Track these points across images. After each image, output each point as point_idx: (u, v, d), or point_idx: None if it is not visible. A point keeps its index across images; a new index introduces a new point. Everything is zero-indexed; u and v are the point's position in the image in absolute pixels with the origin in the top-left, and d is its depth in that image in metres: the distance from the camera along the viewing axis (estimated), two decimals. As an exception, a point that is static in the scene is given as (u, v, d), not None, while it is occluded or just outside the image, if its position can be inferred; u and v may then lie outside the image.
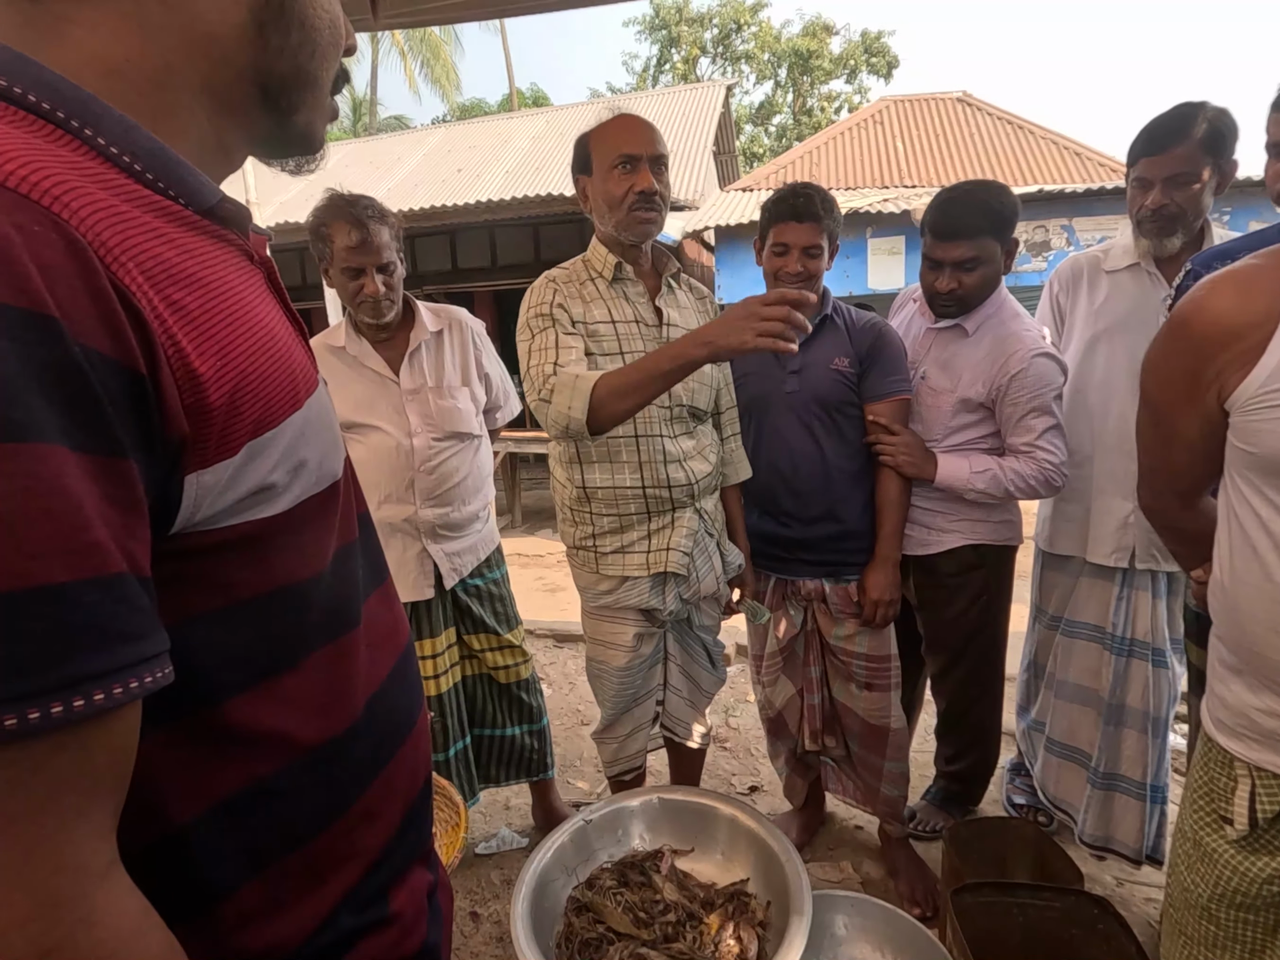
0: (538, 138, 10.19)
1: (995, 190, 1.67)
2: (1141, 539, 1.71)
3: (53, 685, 0.32)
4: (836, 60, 21.07)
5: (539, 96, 26.22)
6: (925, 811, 2.09)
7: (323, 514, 0.50)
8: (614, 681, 1.66)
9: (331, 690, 0.51)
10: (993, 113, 9.65)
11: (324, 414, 0.51)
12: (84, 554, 0.33)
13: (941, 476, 1.69)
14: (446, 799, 1.55)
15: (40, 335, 0.32)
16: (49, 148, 0.37)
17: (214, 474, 0.40)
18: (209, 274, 0.42)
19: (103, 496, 0.34)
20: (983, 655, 1.91)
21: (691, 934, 1.21)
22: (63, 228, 0.34)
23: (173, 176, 0.43)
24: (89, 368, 0.33)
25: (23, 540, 0.31)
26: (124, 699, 0.34)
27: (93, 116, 0.39)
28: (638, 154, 1.44)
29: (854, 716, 1.80)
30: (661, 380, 1.29)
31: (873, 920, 1.40)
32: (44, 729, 0.32)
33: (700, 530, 1.58)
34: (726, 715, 2.83)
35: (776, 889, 1.23)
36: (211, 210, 0.46)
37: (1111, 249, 1.78)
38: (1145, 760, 1.75)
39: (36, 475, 0.31)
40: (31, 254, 0.32)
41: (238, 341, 0.42)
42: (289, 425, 0.45)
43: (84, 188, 0.36)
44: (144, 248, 0.38)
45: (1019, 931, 1.33)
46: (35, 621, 0.31)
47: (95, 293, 0.34)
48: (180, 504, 0.39)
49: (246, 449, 0.42)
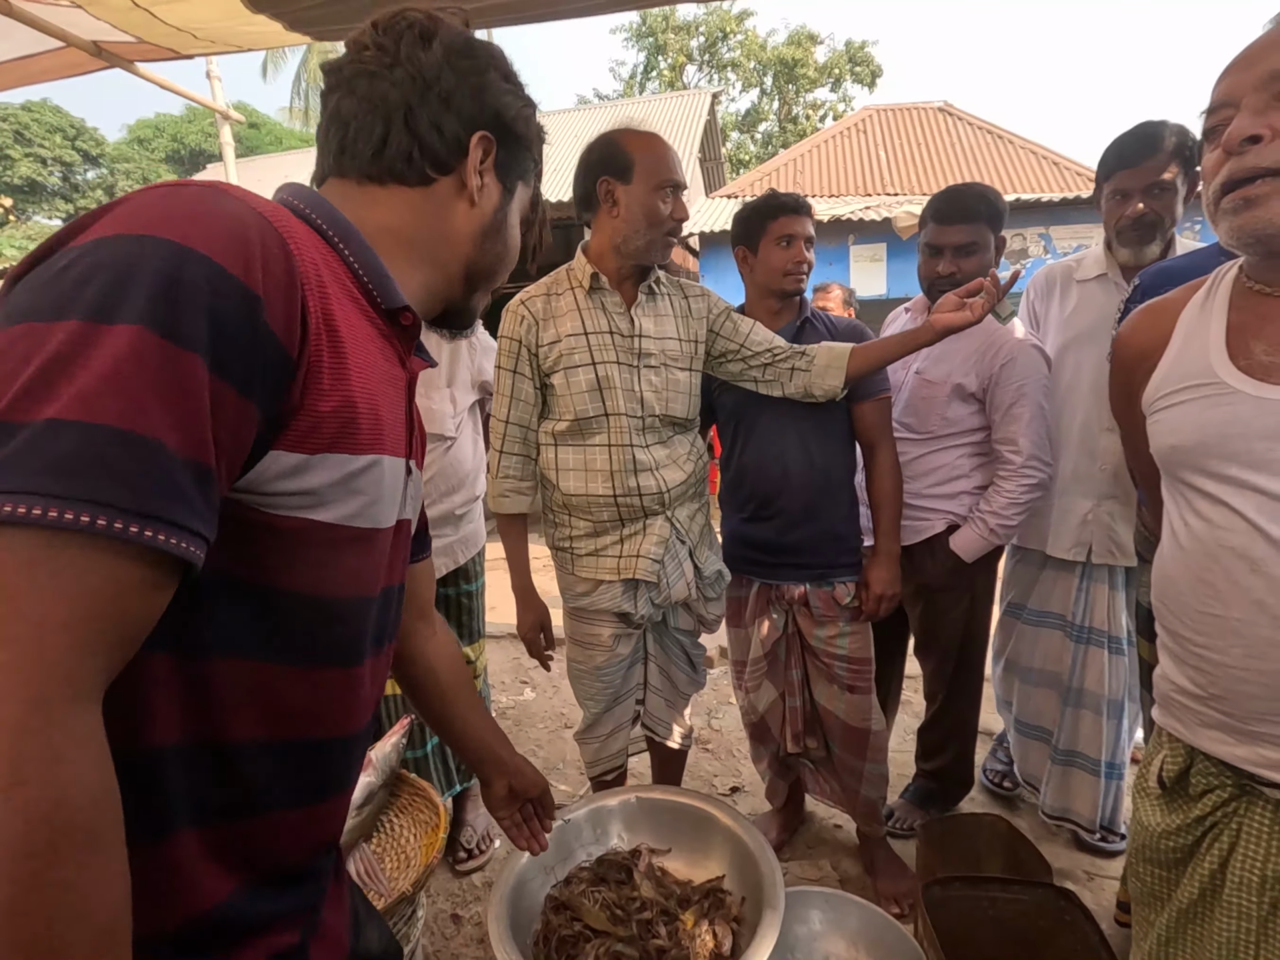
0: (524, 143, 10.22)
1: (989, 187, 1.81)
2: (1099, 535, 1.81)
3: (132, 510, 0.40)
4: (821, 69, 21.28)
5: (526, 102, 26.25)
6: (903, 810, 2.13)
7: (354, 548, 0.59)
8: (593, 681, 1.69)
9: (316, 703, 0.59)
10: (973, 122, 9.79)
11: (391, 478, 0.61)
12: (196, 444, 0.43)
13: (965, 551, 1.80)
14: (426, 800, 1.56)
15: (243, 300, 0.46)
16: (311, 236, 0.57)
17: (290, 459, 0.51)
18: (361, 337, 0.58)
19: (220, 410, 0.45)
20: (969, 654, 1.97)
21: (667, 930, 1.23)
22: (290, 259, 0.50)
23: (377, 281, 0.62)
24: (262, 335, 0.47)
25: (164, 410, 0.41)
26: (165, 546, 0.41)
27: (345, 236, 0.61)
28: (681, 183, 1.50)
29: (835, 719, 1.82)
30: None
31: (846, 916, 1.42)
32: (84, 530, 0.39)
33: (672, 538, 1.60)
34: (709, 717, 2.85)
35: (751, 885, 1.25)
36: (393, 312, 0.63)
37: (1084, 259, 1.87)
38: (1101, 740, 1.86)
39: (190, 375, 0.43)
40: (264, 260, 0.48)
41: (354, 384, 0.56)
42: (354, 461, 0.56)
43: (312, 253, 0.54)
44: (332, 296, 0.55)
45: (989, 924, 1.36)
46: (131, 457, 0.40)
47: (289, 298, 0.49)
48: (257, 464, 0.50)
49: (322, 456, 0.53)
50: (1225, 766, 0.82)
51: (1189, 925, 0.86)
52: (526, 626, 1.68)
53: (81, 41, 2.24)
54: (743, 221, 1.78)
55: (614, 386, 1.53)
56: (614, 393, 1.53)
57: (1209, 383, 0.83)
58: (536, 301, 1.57)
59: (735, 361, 1.66)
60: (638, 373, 1.56)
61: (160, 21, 2.13)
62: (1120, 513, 1.79)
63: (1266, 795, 0.79)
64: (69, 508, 0.38)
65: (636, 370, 1.55)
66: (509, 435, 1.61)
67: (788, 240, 1.69)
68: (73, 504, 0.38)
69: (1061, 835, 2.01)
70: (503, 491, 1.63)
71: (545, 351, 1.55)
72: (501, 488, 1.63)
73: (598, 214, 1.54)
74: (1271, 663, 0.76)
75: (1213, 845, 0.83)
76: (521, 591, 1.68)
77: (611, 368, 1.53)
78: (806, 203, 1.71)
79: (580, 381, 1.52)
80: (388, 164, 0.66)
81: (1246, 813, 0.81)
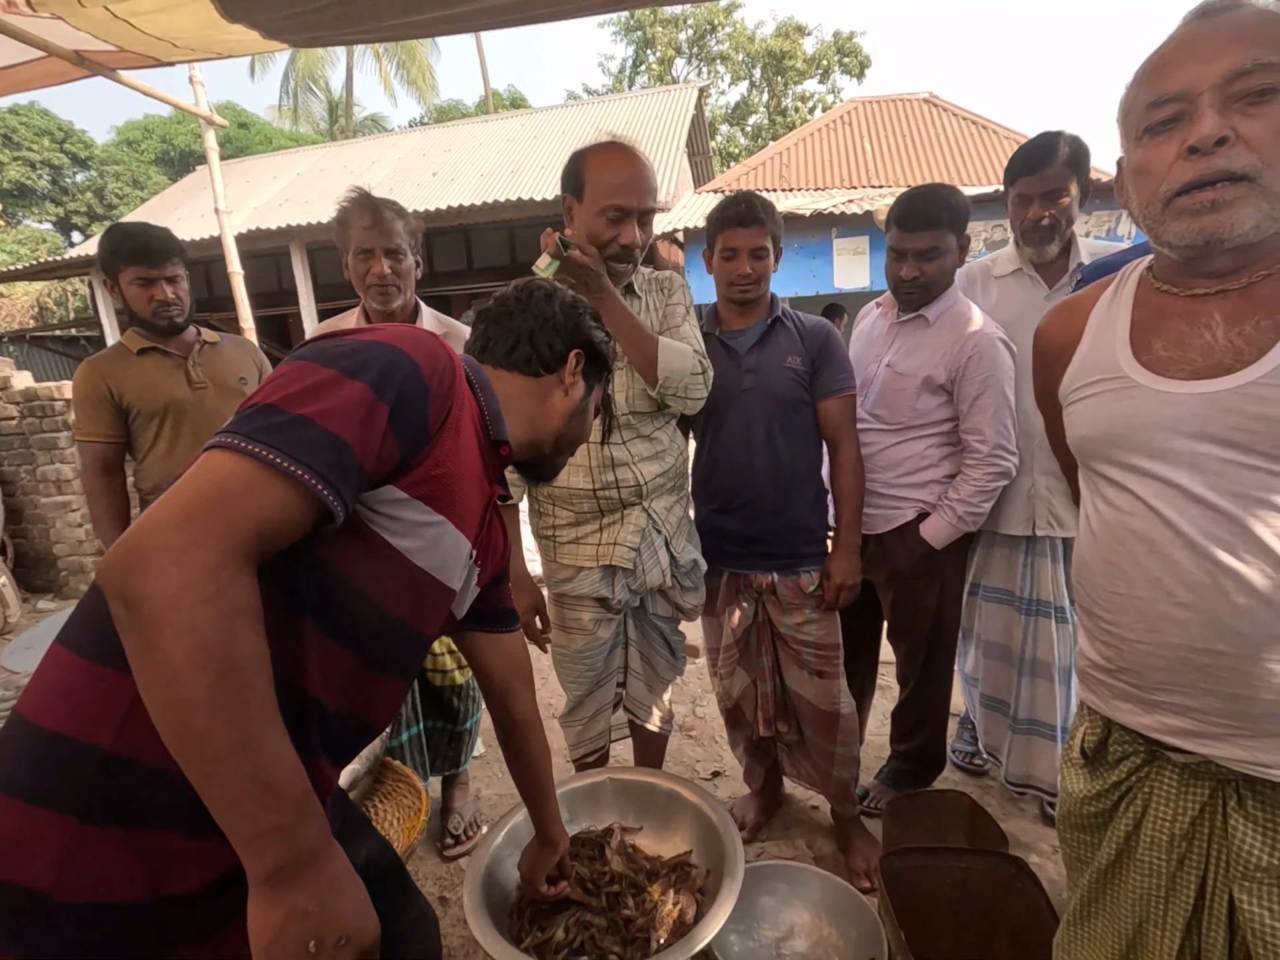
0: (512, 141, 10.23)
1: (951, 190, 1.85)
2: (1041, 509, 1.92)
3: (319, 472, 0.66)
4: (809, 60, 21.27)
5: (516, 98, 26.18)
6: (878, 790, 2.19)
7: (409, 578, 0.81)
8: (575, 664, 1.75)
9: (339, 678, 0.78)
10: (958, 113, 9.82)
11: (454, 548, 0.86)
12: (366, 454, 0.70)
13: (934, 538, 1.87)
14: (409, 785, 1.62)
15: (420, 386, 0.76)
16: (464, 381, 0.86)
17: (395, 492, 0.76)
18: (470, 446, 0.86)
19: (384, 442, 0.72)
20: (940, 639, 2.04)
21: (635, 901, 1.29)
22: (455, 380, 0.81)
23: (494, 418, 0.93)
24: (423, 410, 0.76)
25: (358, 430, 0.69)
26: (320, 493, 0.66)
27: (483, 387, 0.92)
28: (630, 208, 1.50)
29: (806, 703, 1.89)
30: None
31: (809, 888, 1.48)
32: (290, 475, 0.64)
33: (648, 527, 1.66)
34: (693, 705, 2.91)
35: (715, 858, 1.31)
36: (496, 444, 0.94)
37: (999, 257, 2.00)
38: (1056, 706, 1.95)
39: (378, 416, 0.71)
40: (440, 372, 0.79)
41: (458, 467, 0.82)
42: (432, 515, 0.80)
43: (464, 388, 0.85)
44: (465, 414, 0.84)
45: (945, 891, 1.42)
46: (334, 449, 0.67)
47: (443, 400, 0.79)
48: (381, 487, 0.75)
49: (414, 501, 0.78)
50: (1137, 735, 0.88)
51: (1108, 885, 0.92)
52: (521, 610, 1.73)
53: (63, 51, 2.28)
54: (707, 227, 1.83)
55: None
56: None
57: (1115, 377, 0.88)
58: None
59: None
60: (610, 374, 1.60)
61: (140, 31, 2.17)
62: (1057, 486, 1.88)
63: (1172, 760, 0.85)
64: (286, 460, 0.64)
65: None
66: None
67: (731, 253, 1.73)
68: (289, 459, 0.64)
69: (1030, 811, 2.08)
70: None
71: None
72: None
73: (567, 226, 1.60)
74: (1168, 636, 0.82)
75: (1128, 809, 0.89)
76: (516, 578, 1.71)
77: None
78: (759, 214, 1.71)
79: None
80: (514, 362, 1.00)
81: (1156, 777, 0.87)
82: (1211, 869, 0.83)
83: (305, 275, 7.86)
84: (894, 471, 1.94)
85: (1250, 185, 0.74)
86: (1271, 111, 0.73)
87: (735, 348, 1.82)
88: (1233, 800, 0.81)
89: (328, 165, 10.81)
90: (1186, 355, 0.82)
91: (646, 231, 1.56)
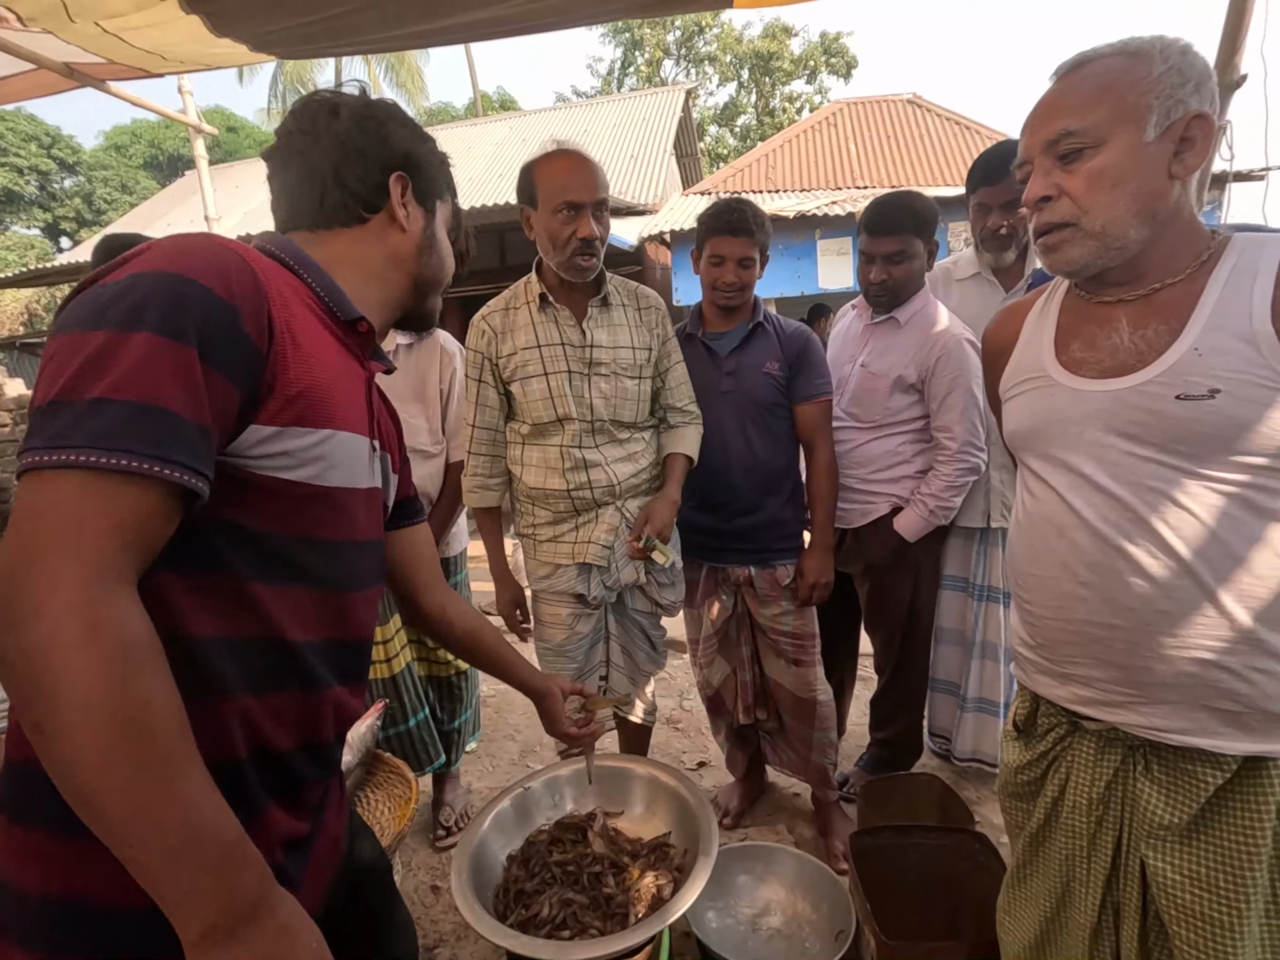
0: (501, 143, 10.27)
1: (918, 196, 1.92)
2: (995, 501, 2.02)
3: (152, 454, 0.56)
4: (797, 61, 21.37)
5: (506, 100, 26.19)
6: (857, 776, 2.26)
7: (322, 501, 0.74)
8: (556, 658, 1.81)
9: (306, 612, 0.74)
10: (941, 114, 9.92)
11: (352, 450, 0.77)
12: (197, 411, 0.59)
13: (908, 532, 1.94)
14: (400, 776, 1.67)
15: (224, 311, 0.62)
16: (277, 268, 0.74)
17: (264, 430, 0.67)
18: (319, 341, 0.74)
19: (211, 389, 0.60)
20: (915, 629, 2.11)
21: (616, 880, 1.34)
22: (258, 282, 0.67)
23: (335, 298, 0.79)
24: (239, 336, 0.63)
25: (173, 387, 0.58)
26: (165, 477, 0.57)
27: (305, 267, 0.78)
28: (582, 201, 1.55)
29: (784, 691, 1.95)
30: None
31: (785, 866, 1.55)
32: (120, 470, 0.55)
33: (621, 526, 1.72)
34: (681, 699, 2.98)
35: (691, 838, 1.37)
36: (350, 323, 0.80)
37: (960, 260, 2.10)
38: (1000, 684, 2.08)
39: (189, 363, 0.59)
40: (238, 283, 0.64)
41: (319, 371, 0.72)
42: (313, 434, 0.71)
43: (278, 280, 0.71)
44: (293, 307, 0.72)
45: (914, 868, 1.49)
46: (152, 421, 0.56)
47: (257, 310, 0.65)
48: (239, 434, 0.65)
49: (290, 429, 0.68)
50: (1060, 707, 0.96)
51: (1040, 848, 0.99)
52: (504, 604, 1.83)
53: (53, 64, 2.32)
54: (698, 229, 1.89)
55: (565, 394, 1.65)
56: (565, 400, 1.65)
57: (1039, 376, 0.97)
58: (495, 317, 1.70)
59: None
60: (589, 380, 1.67)
61: (130, 45, 2.21)
62: (1009, 480, 1.98)
63: (1088, 729, 0.93)
64: (107, 455, 0.54)
65: (588, 378, 1.67)
66: (476, 438, 1.76)
67: (719, 260, 1.80)
68: (111, 453, 0.54)
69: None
70: (472, 489, 1.78)
71: (504, 363, 1.68)
72: (472, 485, 1.77)
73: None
74: (1074, 613, 0.90)
75: (1054, 776, 0.97)
76: (499, 574, 1.82)
77: (562, 377, 1.65)
78: (749, 224, 1.76)
79: (534, 390, 1.65)
80: (328, 215, 0.83)
81: (1077, 746, 0.95)
82: (1125, 830, 0.90)
83: (295, 280, 7.86)
84: (868, 468, 2.01)
85: (1074, 230, 0.88)
86: (1081, 169, 0.86)
87: (716, 350, 1.89)
88: (1140, 765, 0.89)
89: (317, 169, 10.82)
90: (1097, 356, 0.91)
91: (603, 225, 1.61)
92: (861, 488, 2.01)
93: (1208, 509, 0.81)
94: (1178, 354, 0.84)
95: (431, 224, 0.89)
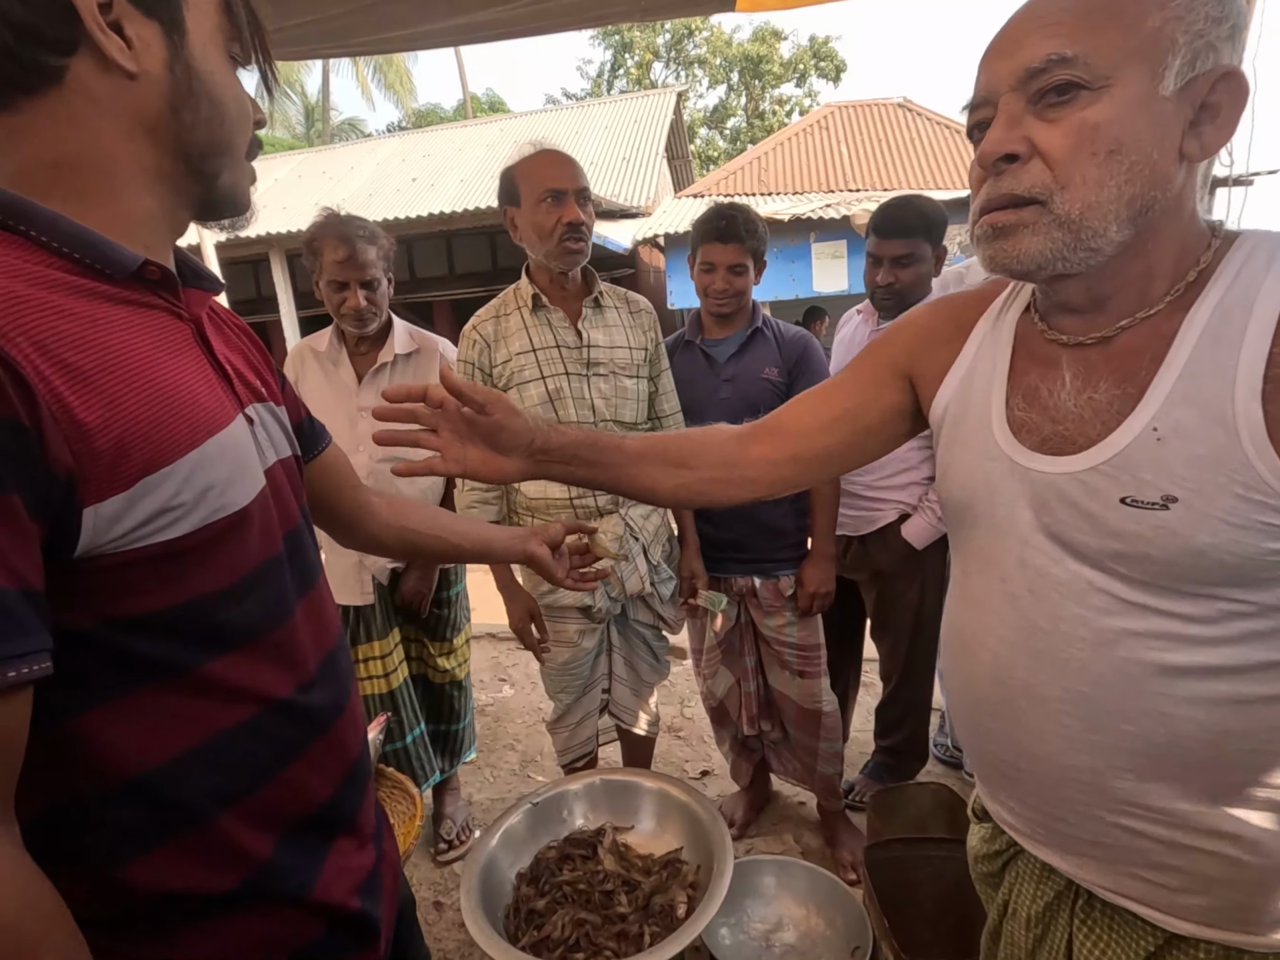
0: (492, 145, 10.23)
1: (927, 201, 1.92)
2: None
3: None
4: (786, 64, 21.44)
5: (495, 102, 26.12)
6: (863, 784, 2.25)
7: (232, 536, 0.56)
8: (562, 675, 1.78)
9: (262, 672, 0.59)
10: (932, 118, 9.98)
11: (232, 449, 0.57)
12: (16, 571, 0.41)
13: (916, 539, 1.92)
14: (404, 791, 1.64)
15: None
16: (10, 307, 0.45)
17: (110, 506, 0.47)
18: (110, 339, 0.50)
19: (18, 526, 0.41)
20: (921, 636, 2.08)
21: (629, 898, 1.33)
22: None
23: (95, 253, 0.51)
24: (20, 444, 0.41)
25: None
26: (23, 679, 0.42)
27: (25, 216, 0.49)
28: (564, 188, 1.56)
29: (789, 702, 1.94)
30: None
31: (797, 880, 1.53)
32: None
33: (625, 534, 1.70)
34: (682, 706, 2.96)
35: (705, 854, 1.36)
36: (136, 275, 0.54)
37: (973, 265, 2.05)
38: None
39: None
40: None
41: (130, 395, 0.49)
42: (184, 463, 0.51)
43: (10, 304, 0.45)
44: (37, 324, 0.45)
45: (927, 881, 1.47)
46: None
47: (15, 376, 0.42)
48: (80, 531, 0.46)
49: (140, 484, 0.48)
50: None
51: (994, 942, 0.89)
52: (516, 618, 1.72)
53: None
54: (691, 235, 1.88)
55: (565, 397, 1.63)
56: (565, 402, 1.63)
57: (984, 429, 0.74)
58: (487, 325, 1.68)
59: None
60: (588, 381, 1.65)
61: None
62: None
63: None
64: None
65: (587, 379, 1.65)
66: None
67: (709, 267, 1.79)
68: None
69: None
70: (470, 503, 1.73)
71: (499, 371, 1.66)
72: (469, 499, 1.73)
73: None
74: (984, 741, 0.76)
75: (1007, 875, 0.85)
76: (506, 588, 1.73)
77: (561, 379, 1.63)
78: (739, 231, 1.74)
79: (532, 395, 1.62)
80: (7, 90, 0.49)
81: (1020, 856, 0.82)
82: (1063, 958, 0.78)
83: (285, 282, 7.81)
84: (875, 474, 1.99)
85: (1038, 211, 0.60)
86: (1068, 118, 0.58)
87: (715, 356, 1.87)
88: (1082, 900, 0.75)
89: (306, 171, 10.75)
90: (1035, 418, 0.69)
91: (587, 212, 1.61)
92: (868, 495, 2.00)
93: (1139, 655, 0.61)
94: (1129, 434, 0.61)
95: (183, 49, 0.54)
